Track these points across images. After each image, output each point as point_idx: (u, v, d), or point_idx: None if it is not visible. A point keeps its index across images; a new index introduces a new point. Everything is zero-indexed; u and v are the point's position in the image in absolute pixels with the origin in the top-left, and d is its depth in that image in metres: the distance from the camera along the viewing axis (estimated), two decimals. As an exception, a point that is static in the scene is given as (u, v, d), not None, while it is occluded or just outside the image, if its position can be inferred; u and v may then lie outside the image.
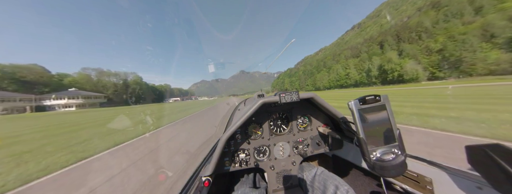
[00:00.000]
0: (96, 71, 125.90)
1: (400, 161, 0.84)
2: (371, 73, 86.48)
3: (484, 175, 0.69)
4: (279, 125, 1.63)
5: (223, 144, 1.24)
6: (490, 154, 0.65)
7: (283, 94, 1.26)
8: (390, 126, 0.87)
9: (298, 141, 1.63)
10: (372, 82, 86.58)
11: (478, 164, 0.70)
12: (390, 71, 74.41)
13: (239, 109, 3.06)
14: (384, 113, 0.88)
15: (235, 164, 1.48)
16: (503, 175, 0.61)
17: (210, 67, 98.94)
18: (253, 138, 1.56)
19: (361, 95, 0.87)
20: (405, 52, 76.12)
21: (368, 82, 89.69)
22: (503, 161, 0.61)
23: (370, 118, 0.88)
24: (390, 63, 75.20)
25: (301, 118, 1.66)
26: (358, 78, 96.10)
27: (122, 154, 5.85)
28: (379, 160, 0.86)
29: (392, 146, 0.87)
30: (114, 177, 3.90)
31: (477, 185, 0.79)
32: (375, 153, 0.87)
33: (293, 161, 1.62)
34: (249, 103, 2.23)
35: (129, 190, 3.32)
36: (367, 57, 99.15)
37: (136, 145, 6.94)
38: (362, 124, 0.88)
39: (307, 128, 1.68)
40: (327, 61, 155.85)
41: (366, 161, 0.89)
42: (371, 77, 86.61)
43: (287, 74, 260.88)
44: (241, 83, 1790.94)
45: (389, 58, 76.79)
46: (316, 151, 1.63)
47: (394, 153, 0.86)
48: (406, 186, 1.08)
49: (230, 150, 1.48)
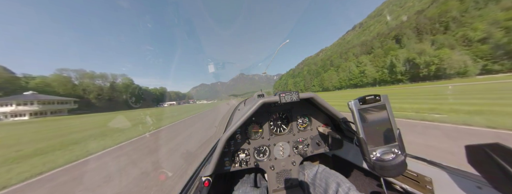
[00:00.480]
0: (77, 73, 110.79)
1: (400, 160, 0.84)
2: (396, 69, 72.87)
3: (484, 175, 0.69)
4: (279, 125, 1.62)
5: (223, 144, 1.24)
6: (489, 153, 0.64)
7: (283, 94, 1.26)
8: (390, 126, 0.87)
9: (298, 141, 1.62)
10: (397, 80, 73.04)
11: (477, 163, 0.70)
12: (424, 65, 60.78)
13: (239, 109, 2.98)
14: (384, 113, 0.87)
15: (235, 164, 1.48)
16: (502, 175, 0.61)
17: (210, 67, 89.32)
18: (253, 138, 1.55)
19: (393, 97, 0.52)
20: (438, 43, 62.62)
21: (391, 79, 76.11)
22: (503, 161, 0.61)
23: (370, 117, 0.88)
24: (423, 56, 61.57)
25: (301, 118, 1.66)
26: (377, 76, 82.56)
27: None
28: (379, 160, 0.86)
29: (392, 145, 0.87)
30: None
31: (477, 184, 0.79)
32: (375, 153, 0.87)
33: (293, 161, 1.61)
34: (249, 103, 2.18)
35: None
36: (382, 53, 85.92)
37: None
38: (362, 124, 0.88)
39: (307, 128, 1.67)
40: (334, 59, 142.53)
41: (366, 161, 0.90)
42: (396, 73, 73.06)
43: (290, 75, 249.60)
44: (240, 85, 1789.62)
45: (421, 50, 63.18)
46: (316, 151, 1.62)
47: (394, 152, 0.86)
48: (406, 185, 1.08)
49: (230, 150, 1.48)
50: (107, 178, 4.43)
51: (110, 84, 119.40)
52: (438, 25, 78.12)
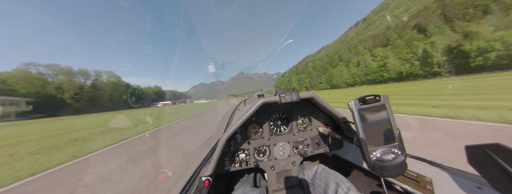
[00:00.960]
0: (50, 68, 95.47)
1: (400, 161, 0.84)
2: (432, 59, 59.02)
3: (484, 175, 0.69)
4: (279, 125, 1.63)
5: (223, 144, 1.24)
6: (489, 154, 0.64)
7: (283, 94, 1.26)
8: (390, 126, 0.87)
9: (298, 141, 1.62)
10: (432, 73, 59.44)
11: (477, 164, 0.70)
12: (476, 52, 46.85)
13: (239, 109, 2.97)
14: (384, 113, 0.87)
15: (235, 164, 1.49)
16: (502, 175, 0.61)
17: (210, 67, 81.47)
18: (253, 138, 1.56)
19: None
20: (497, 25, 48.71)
21: (424, 73, 62.37)
22: (503, 161, 0.61)
23: (370, 118, 0.88)
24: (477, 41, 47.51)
25: (301, 118, 1.66)
26: (404, 70, 68.87)
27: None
28: (379, 160, 0.85)
29: (392, 146, 0.87)
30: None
31: (477, 185, 0.79)
32: (375, 153, 0.87)
33: (293, 161, 1.61)
34: (249, 103, 2.19)
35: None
36: (404, 44, 72.31)
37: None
38: (362, 124, 0.88)
39: (307, 128, 1.67)
40: (342, 54, 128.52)
41: (366, 161, 0.89)
42: (431, 65, 59.26)
43: (293, 72, 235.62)
44: (240, 85, 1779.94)
45: (476, 32, 49.11)
46: (316, 151, 1.62)
47: (394, 153, 0.86)
48: (406, 186, 1.08)
49: (230, 150, 1.49)
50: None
51: (92, 82, 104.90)
52: (473, 10, 64.09)
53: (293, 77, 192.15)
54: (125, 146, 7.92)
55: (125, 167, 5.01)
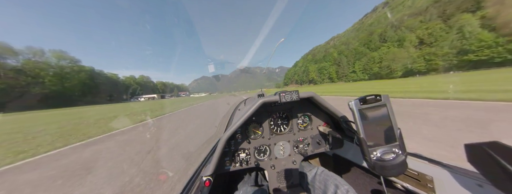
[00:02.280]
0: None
1: (400, 160, 0.84)
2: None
3: (484, 173, 0.69)
4: (279, 124, 1.63)
5: (223, 143, 1.24)
6: (488, 151, 0.65)
7: (283, 93, 1.28)
8: (390, 126, 0.87)
9: (298, 140, 1.63)
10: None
11: (477, 162, 0.71)
12: None
13: (239, 109, 2.95)
14: (385, 113, 0.87)
15: (235, 164, 1.49)
16: (502, 172, 0.62)
17: (210, 67, 56.77)
18: (253, 138, 1.56)
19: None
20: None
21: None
22: (502, 158, 0.62)
23: (371, 117, 0.88)
24: None
25: (301, 117, 1.67)
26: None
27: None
28: (380, 159, 0.85)
29: (392, 145, 0.87)
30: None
31: (477, 182, 0.80)
32: (376, 153, 0.87)
33: (293, 160, 1.62)
34: (249, 102, 2.19)
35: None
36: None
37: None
38: (363, 124, 0.88)
39: (307, 127, 1.67)
40: (384, 33, 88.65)
41: (367, 160, 0.89)
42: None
43: (309, 61, 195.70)
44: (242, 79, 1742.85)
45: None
46: (316, 150, 1.63)
47: (394, 152, 0.86)
48: (407, 184, 1.09)
49: (230, 150, 1.49)
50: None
51: (20, 66, 68.06)
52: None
53: (311, 67, 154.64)
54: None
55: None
